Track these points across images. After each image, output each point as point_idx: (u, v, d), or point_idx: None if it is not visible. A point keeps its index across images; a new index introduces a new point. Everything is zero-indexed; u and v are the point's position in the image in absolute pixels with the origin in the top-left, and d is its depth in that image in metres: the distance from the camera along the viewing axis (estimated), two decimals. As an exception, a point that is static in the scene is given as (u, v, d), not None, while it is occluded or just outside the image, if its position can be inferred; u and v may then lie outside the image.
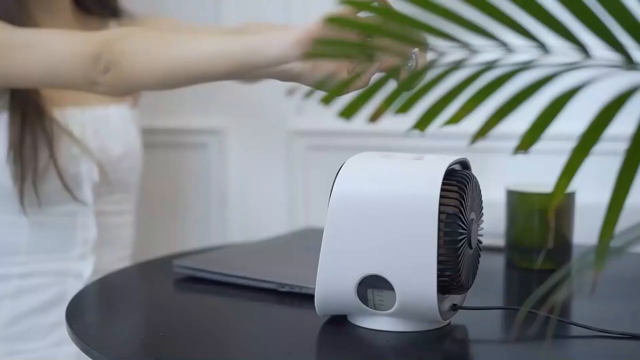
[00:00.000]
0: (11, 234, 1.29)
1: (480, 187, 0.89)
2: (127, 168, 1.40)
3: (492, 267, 1.17)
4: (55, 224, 1.31)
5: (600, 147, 0.62)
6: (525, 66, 0.59)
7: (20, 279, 1.29)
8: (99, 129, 1.35)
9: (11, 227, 1.29)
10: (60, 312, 1.29)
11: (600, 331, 0.85)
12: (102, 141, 1.34)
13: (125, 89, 1.12)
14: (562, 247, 1.15)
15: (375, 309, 0.85)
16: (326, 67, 0.95)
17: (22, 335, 1.28)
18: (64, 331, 1.27)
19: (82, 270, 1.32)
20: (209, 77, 1.02)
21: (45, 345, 1.29)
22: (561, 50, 0.60)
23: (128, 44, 1.05)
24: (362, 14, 0.94)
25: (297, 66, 0.94)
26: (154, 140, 1.73)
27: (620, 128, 0.72)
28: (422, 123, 0.61)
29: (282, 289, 1.00)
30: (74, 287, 1.29)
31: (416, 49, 0.95)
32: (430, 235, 0.81)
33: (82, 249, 1.32)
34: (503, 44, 0.60)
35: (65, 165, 1.28)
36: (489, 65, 0.60)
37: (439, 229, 0.81)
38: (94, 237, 1.33)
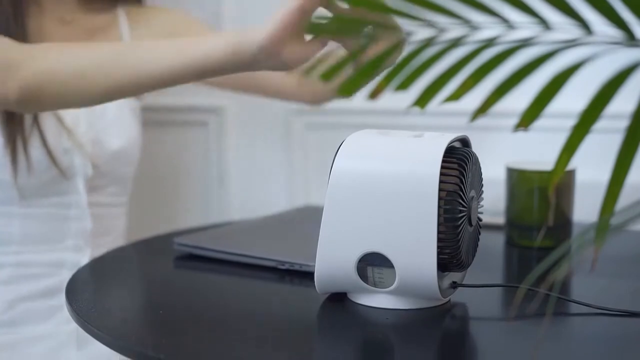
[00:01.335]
0: (3, 224, 1.28)
1: (481, 165, 0.89)
2: (123, 162, 1.36)
3: (492, 245, 1.17)
4: (49, 215, 1.29)
5: (600, 124, 0.62)
6: (525, 43, 0.59)
7: (14, 267, 1.28)
8: (94, 121, 1.32)
9: (3, 218, 1.28)
10: (57, 300, 1.28)
11: (600, 309, 0.85)
12: (95, 134, 1.31)
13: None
14: (562, 225, 1.15)
15: (375, 287, 0.85)
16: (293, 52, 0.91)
17: (20, 319, 1.28)
18: (62, 315, 1.27)
19: (78, 262, 1.30)
20: (169, 85, 0.98)
21: (44, 326, 1.28)
22: (562, 27, 0.60)
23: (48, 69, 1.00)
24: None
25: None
26: (154, 118, 1.73)
27: (621, 105, 0.72)
28: (422, 100, 0.61)
29: (282, 267, 1.00)
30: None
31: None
32: (430, 213, 0.80)
33: (76, 241, 1.31)
34: (504, 21, 0.60)
35: (57, 158, 1.27)
36: (489, 42, 0.59)
37: (439, 207, 0.81)
38: (89, 228, 1.32)
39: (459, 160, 0.83)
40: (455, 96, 0.61)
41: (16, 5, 1.22)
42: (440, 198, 0.81)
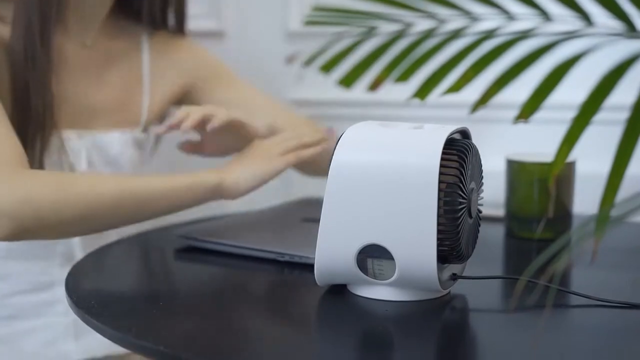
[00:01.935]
0: None
1: (481, 157, 0.89)
2: None
3: (492, 237, 1.17)
4: None
5: (600, 116, 0.62)
6: (525, 34, 0.59)
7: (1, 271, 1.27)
8: (94, 159, 1.28)
9: None
10: (52, 294, 1.27)
11: (600, 300, 0.85)
12: (95, 170, 1.27)
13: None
14: (562, 217, 1.15)
15: (375, 279, 0.85)
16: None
17: (15, 313, 1.27)
18: (59, 308, 1.27)
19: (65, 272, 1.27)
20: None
21: (40, 319, 1.28)
22: (562, 18, 0.60)
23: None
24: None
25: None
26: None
27: (621, 97, 0.72)
28: (422, 92, 0.61)
29: (282, 259, 1.00)
30: (60, 276, 1.25)
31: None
32: (430, 205, 0.80)
33: (63, 260, 1.29)
34: (504, 12, 0.60)
35: None
36: (490, 34, 0.59)
37: (439, 199, 0.81)
38: (77, 252, 1.29)
39: (459, 152, 0.83)
40: (456, 88, 0.61)
41: (44, 24, 1.20)
42: (440, 190, 0.81)
